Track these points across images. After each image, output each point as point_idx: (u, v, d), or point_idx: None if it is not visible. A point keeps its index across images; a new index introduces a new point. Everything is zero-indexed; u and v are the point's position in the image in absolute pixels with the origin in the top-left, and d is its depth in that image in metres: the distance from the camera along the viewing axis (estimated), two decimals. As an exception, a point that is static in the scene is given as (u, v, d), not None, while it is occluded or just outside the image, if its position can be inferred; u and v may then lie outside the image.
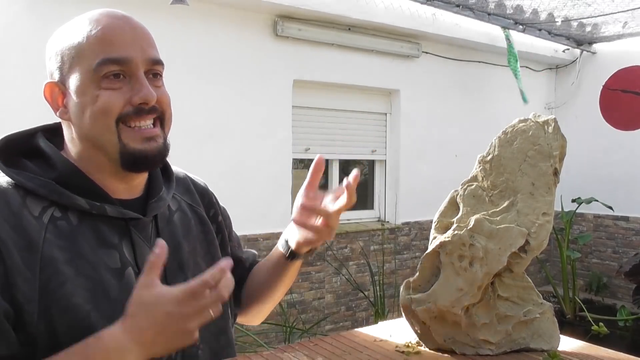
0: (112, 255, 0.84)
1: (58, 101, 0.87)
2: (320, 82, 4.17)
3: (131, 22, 0.87)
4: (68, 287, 0.77)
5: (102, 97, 0.82)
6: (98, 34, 0.83)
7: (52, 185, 0.82)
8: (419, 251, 4.75)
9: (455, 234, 1.03)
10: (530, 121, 1.08)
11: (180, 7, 2.75)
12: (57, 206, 0.82)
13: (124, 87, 0.83)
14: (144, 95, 0.83)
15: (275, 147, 3.90)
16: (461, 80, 5.00)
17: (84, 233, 0.82)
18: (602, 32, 5.06)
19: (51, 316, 0.76)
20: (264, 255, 1.19)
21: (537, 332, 1.05)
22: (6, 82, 2.91)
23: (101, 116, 0.82)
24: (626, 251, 5.24)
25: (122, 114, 0.83)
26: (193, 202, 1.04)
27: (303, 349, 0.99)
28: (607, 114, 5.40)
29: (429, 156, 4.82)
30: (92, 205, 0.83)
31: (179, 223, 0.97)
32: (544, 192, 1.04)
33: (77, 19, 0.88)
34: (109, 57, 0.82)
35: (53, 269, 0.77)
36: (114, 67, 0.82)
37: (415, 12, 4.26)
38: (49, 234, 0.79)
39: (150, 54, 0.86)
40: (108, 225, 0.85)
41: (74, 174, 0.85)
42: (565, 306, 4.37)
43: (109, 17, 0.86)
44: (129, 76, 0.84)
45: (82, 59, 0.83)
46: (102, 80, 0.82)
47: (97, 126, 0.83)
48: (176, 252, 0.92)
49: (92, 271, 0.80)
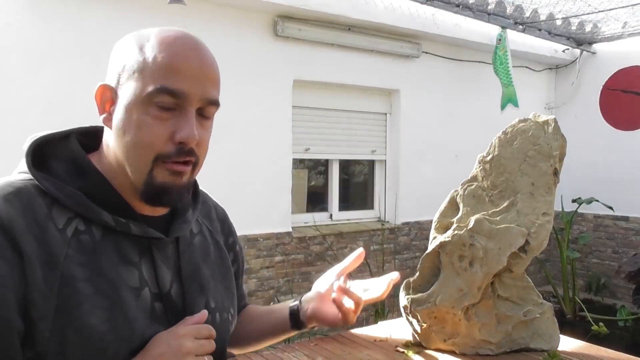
0: (132, 273, 0.83)
1: (106, 106, 0.85)
2: (320, 82, 4.17)
3: (201, 55, 0.84)
4: (85, 307, 0.76)
5: (146, 127, 0.80)
6: (165, 59, 0.80)
7: (79, 196, 0.81)
8: (419, 251, 4.75)
9: (455, 234, 1.03)
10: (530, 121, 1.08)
11: (179, 7, 2.75)
12: (82, 218, 0.81)
13: (170, 120, 0.81)
14: (186, 135, 0.80)
15: (275, 147, 3.90)
16: (461, 80, 5.00)
17: (106, 249, 0.81)
18: (602, 32, 5.06)
19: (64, 336, 0.75)
20: (264, 255, 1.19)
21: (537, 332, 1.05)
22: (6, 82, 2.91)
23: (141, 149, 0.81)
24: (626, 251, 5.24)
25: (162, 154, 0.81)
26: (212, 229, 1.04)
27: (303, 349, 0.99)
28: (607, 114, 5.40)
29: (429, 156, 4.82)
30: (117, 222, 0.82)
31: (198, 246, 0.97)
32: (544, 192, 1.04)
33: (153, 33, 0.84)
34: (167, 86, 0.79)
35: (71, 288, 0.76)
36: (168, 97, 0.80)
37: (415, 12, 4.26)
38: (71, 249, 0.78)
39: (208, 94, 0.83)
40: (130, 242, 0.84)
41: (102, 185, 0.84)
42: (565, 306, 4.37)
43: (182, 44, 0.82)
44: (180, 109, 0.81)
45: (141, 77, 0.81)
46: (152, 107, 0.80)
47: (134, 157, 0.82)
48: (196, 274, 0.92)
49: (111, 290, 0.79)
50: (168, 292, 0.86)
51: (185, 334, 0.80)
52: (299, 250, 4.08)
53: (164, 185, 0.83)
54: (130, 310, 0.80)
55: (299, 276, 4.10)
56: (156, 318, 0.84)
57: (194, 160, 0.85)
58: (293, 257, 4.07)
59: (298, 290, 4.09)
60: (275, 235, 3.95)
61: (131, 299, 0.81)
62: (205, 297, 0.92)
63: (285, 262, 4.02)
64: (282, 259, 3.98)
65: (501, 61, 4.61)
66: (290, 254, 4.05)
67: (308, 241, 4.13)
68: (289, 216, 4.04)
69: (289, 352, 0.97)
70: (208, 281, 0.94)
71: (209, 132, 0.88)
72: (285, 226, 4.00)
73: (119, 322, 0.78)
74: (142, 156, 0.81)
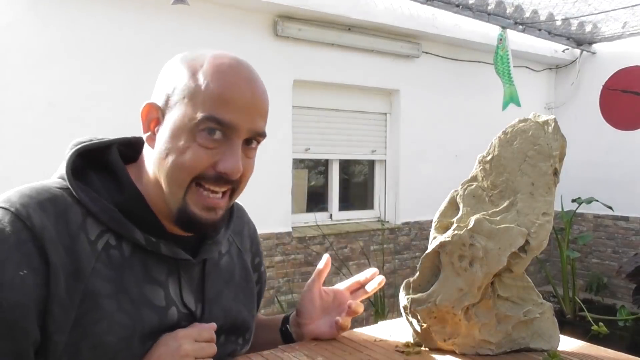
0: (158, 292, 0.82)
1: (151, 125, 0.84)
2: (320, 82, 4.17)
3: (254, 87, 0.83)
4: (104, 324, 0.76)
5: (190, 152, 0.79)
6: (218, 88, 0.79)
7: (114, 212, 0.80)
8: (419, 251, 4.76)
9: (455, 234, 1.03)
10: (530, 121, 1.08)
11: (180, 7, 2.75)
12: (113, 233, 0.80)
13: (216, 149, 0.80)
14: (230, 167, 0.80)
15: (275, 147, 3.90)
16: (461, 80, 5.00)
17: (134, 266, 0.81)
18: (602, 32, 5.06)
19: (78, 350, 0.74)
20: (264, 255, 1.19)
21: (537, 332, 1.05)
22: (7, 82, 2.91)
23: (181, 170, 0.80)
24: (626, 251, 5.24)
25: (201, 175, 0.80)
26: (241, 247, 1.03)
27: (303, 349, 0.99)
28: (607, 114, 5.40)
29: (429, 156, 4.82)
30: (148, 241, 0.82)
31: (224, 269, 0.96)
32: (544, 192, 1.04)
33: (207, 59, 0.83)
34: (217, 116, 0.78)
35: (93, 303, 0.75)
36: (217, 127, 0.79)
37: (415, 12, 4.26)
38: (99, 263, 0.77)
39: (257, 127, 0.83)
40: (158, 262, 0.83)
41: (138, 202, 0.83)
42: (565, 306, 4.37)
43: (236, 75, 0.82)
44: (227, 139, 0.80)
45: (191, 102, 0.79)
46: (200, 134, 0.79)
47: (172, 176, 0.80)
48: (218, 298, 0.92)
49: (133, 308, 0.79)
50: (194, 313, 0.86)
51: (186, 335, 0.80)
52: (299, 250, 4.08)
53: (197, 219, 0.82)
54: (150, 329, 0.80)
55: (299, 276, 4.10)
56: None
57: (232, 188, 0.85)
58: (293, 257, 4.07)
59: (298, 290, 4.09)
60: (275, 235, 3.95)
61: (154, 318, 0.80)
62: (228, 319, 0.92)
63: (285, 262, 4.02)
64: (282, 259, 3.98)
65: (502, 61, 4.61)
66: (290, 254, 4.05)
67: (308, 241, 4.13)
68: (289, 216, 4.04)
69: (289, 352, 0.97)
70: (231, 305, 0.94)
71: (253, 163, 0.88)
72: (285, 226, 4.00)
73: (135, 341, 0.78)
74: (180, 178, 0.80)
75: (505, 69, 4.62)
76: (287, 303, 3.95)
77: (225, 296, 0.93)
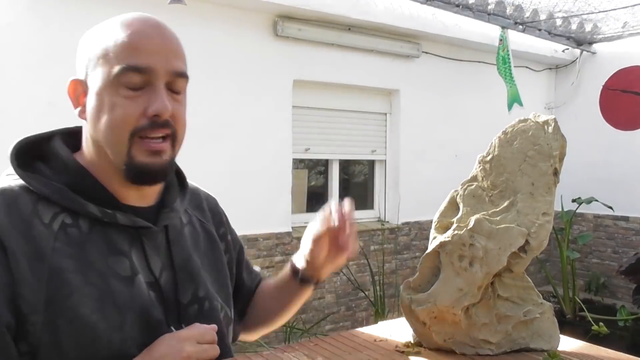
0: (123, 262, 0.83)
1: (80, 100, 0.87)
2: (320, 82, 4.17)
3: (162, 31, 0.86)
4: (75, 297, 0.77)
5: (118, 107, 0.81)
6: (125, 39, 0.82)
7: (64, 191, 0.82)
8: (419, 251, 4.75)
9: (455, 234, 1.03)
10: (530, 121, 1.08)
11: (179, 7, 2.75)
12: (68, 212, 0.82)
13: (141, 97, 0.82)
14: (158, 107, 0.82)
15: (275, 147, 3.90)
16: (461, 80, 5.00)
17: (95, 240, 0.82)
18: (602, 32, 5.06)
19: (56, 327, 0.76)
20: (264, 255, 1.19)
21: (537, 332, 1.05)
22: (7, 82, 2.91)
23: (116, 128, 0.82)
24: (626, 251, 5.24)
25: (137, 127, 0.82)
26: (204, 219, 1.04)
27: (303, 349, 0.99)
28: (607, 114, 5.40)
29: (429, 156, 4.82)
30: (104, 213, 0.83)
31: (188, 236, 0.97)
32: (544, 192, 1.04)
33: (110, 20, 0.87)
34: (131, 64, 0.81)
35: (60, 280, 0.77)
36: (135, 75, 0.81)
37: (415, 12, 4.26)
38: (58, 242, 0.79)
39: (174, 66, 0.85)
40: (119, 233, 0.85)
41: (86, 179, 0.85)
42: (565, 306, 4.37)
43: (141, 23, 0.85)
44: (148, 85, 0.83)
45: (106, 61, 0.83)
46: (121, 87, 0.81)
47: (111, 136, 0.83)
48: (186, 264, 0.92)
49: (101, 280, 0.80)
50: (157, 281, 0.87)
51: (188, 337, 0.80)
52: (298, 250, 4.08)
53: (145, 166, 0.84)
54: (121, 299, 0.81)
55: (299, 276, 4.09)
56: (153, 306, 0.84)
57: (171, 132, 0.85)
58: (293, 257, 4.07)
59: (298, 290, 4.09)
60: (275, 235, 3.95)
61: (122, 288, 0.81)
62: (194, 285, 0.92)
63: (285, 262, 4.01)
64: (282, 259, 3.98)
65: (504, 61, 4.61)
66: (290, 254, 4.04)
67: (308, 241, 4.13)
68: (289, 216, 4.04)
69: (289, 352, 0.97)
70: (198, 270, 0.94)
71: (184, 107, 0.89)
72: (285, 226, 4.00)
73: (108, 312, 0.79)
74: (119, 135, 0.82)
75: (507, 69, 4.62)
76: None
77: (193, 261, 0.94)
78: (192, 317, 0.89)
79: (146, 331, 0.82)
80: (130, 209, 0.87)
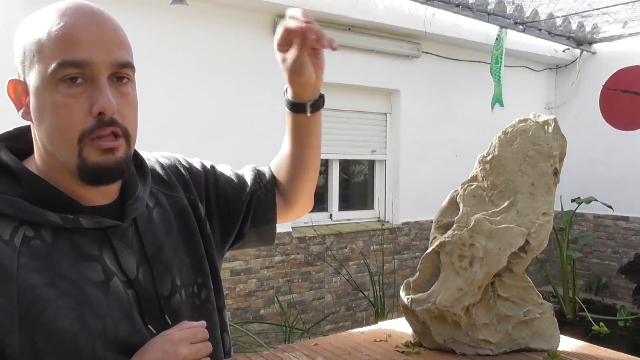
0: (94, 268, 0.80)
1: (22, 100, 0.81)
2: (320, 82, 4.17)
3: (99, 20, 0.79)
4: (50, 312, 0.74)
5: (60, 108, 0.76)
6: (59, 32, 0.76)
7: (19, 203, 0.77)
8: (419, 251, 4.76)
9: (455, 234, 1.03)
10: (530, 121, 1.08)
11: (180, 7, 2.75)
12: (28, 225, 0.77)
13: (83, 93, 0.76)
14: (102, 104, 0.76)
15: (275, 147, 3.88)
16: (461, 80, 5.00)
17: (61, 249, 0.78)
18: (602, 32, 5.06)
19: (35, 345, 0.73)
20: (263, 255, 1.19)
21: (537, 332, 1.05)
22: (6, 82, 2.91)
23: (62, 133, 0.77)
24: (626, 251, 5.24)
25: (85, 130, 0.76)
26: (171, 191, 0.98)
27: (303, 349, 0.99)
28: (607, 114, 5.40)
29: (429, 156, 4.82)
30: (65, 220, 0.78)
31: (158, 220, 0.92)
32: (544, 192, 1.04)
33: (43, 10, 0.79)
34: (67, 59, 0.75)
35: (31, 296, 0.73)
36: (73, 70, 0.75)
37: (415, 12, 4.26)
38: (22, 258, 0.74)
39: (115, 56, 0.78)
40: (85, 238, 0.80)
41: (40, 187, 0.80)
42: (565, 306, 4.37)
43: (75, 13, 0.77)
44: (90, 80, 0.76)
45: (41, 57, 0.77)
46: (60, 84, 0.76)
47: (58, 141, 0.78)
48: (160, 254, 0.89)
49: (75, 289, 0.77)
50: (136, 278, 0.84)
51: (181, 339, 0.78)
52: (298, 250, 4.08)
53: (99, 166, 0.78)
54: (99, 305, 0.78)
55: (298, 276, 4.10)
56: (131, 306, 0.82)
57: (120, 131, 0.79)
58: (293, 257, 4.07)
59: (298, 290, 4.09)
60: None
61: (98, 294, 0.78)
62: (171, 275, 0.89)
63: (285, 262, 4.01)
64: (282, 259, 3.98)
65: (497, 60, 4.60)
66: (290, 254, 4.05)
67: (308, 241, 4.13)
68: (289, 216, 4.04)
69: (289, 352, 0.97)
70: (172, 258, 0.91)
71: (132, 99, 0.82)
72: (285, 226, 4.00)
73: (88, 319, 0.76)
74: (66, 140, 0.77)
75: (498, 69, 4.61)
76: (287, 303, 3.95)
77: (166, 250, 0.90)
78: (175, 308, 0.87)
79: (131, 333, 0.80)
80: (93, 210, 0.82)
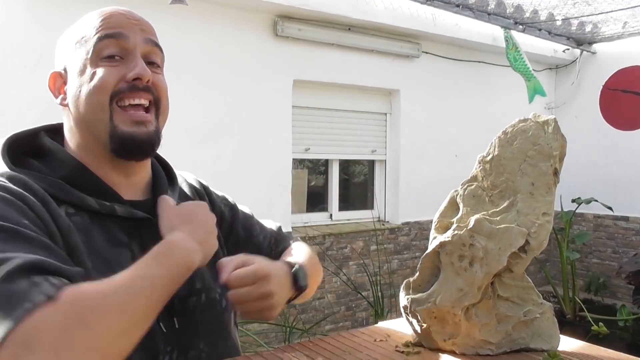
0: (124, 254, 0.83)
1: (61, 90, 0.89)
2: (320, 82, 4.17)
3: (133, 14, 0.90)
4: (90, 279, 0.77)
5: (97, 73, 0.83)
6: (99, 20, 0.86)
7: (61, 184, 0.82)
8: (419, 251, 4.75)
9: (455, 234, 1.03)
10: (530, 121, 1.08)
11: (179, 7, 2.75)
12: (68, 204, 0.81)
13: (121, 65, 0.84)
14: (138, 71, 0.84)
15: (275, 147, 3.90)
16: (461, 80, 5.00)
17: (97, 231, 0.82)
18: (602, 32, 5.06)
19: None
20: (264, 255, 1.18)
21: (537, 332, 1.05)
22: (7, 82, 2.91)
23: (96, 93, 0.83)
24: (626, 251, 5.24)
25: (116, 90, 0.83)
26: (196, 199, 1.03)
27: (303, 349, 0.99)
28: (607, 114, 5.40)
29: (429, 156, 4.82)
30: (102, 205, 0.83)
31: None
32: (544, 192, 1.04)
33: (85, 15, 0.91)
34: (107, 32, 0.84)
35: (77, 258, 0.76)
36: (111, 42, 0.84)
37: (415, 12, 4.26)
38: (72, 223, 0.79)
39: (147, 35, 0.88)
40: (117, 225, 0.84)
41: (82, 171, 0.85)
42: (565, 306, 4.37)
43: (112, 10, 0.89)
44: (126, 55, 0.85)
45: (82, 44, 0.86)
46: (100, 60, 0.84)
47: (91, 104, 0.84)
48: None
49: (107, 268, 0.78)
50: None
51: None
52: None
53: (129, 135, 0.84)
54: None
55: (299, 276, 4.09)
56: None
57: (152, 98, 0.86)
58: (293, 257, 4.06)
59: (298, 290, 4.09)
60: (275, 235, 3.95)
61: None
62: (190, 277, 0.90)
63: (285, 262, 4.01)
64: (282, 259, 3.98)
65: (515, 58, 4.62)
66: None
67: (308, 241, 4.13)
68: (289, 216, 4.04)
69: (289, 352, 0.97)
70: None
71: (164, 83, 0.90)
72: (285, 226, 3.99)
73: None
74: (99, 101, 0.83)
75: (523, 66, 4.65)
76: (287, 303, 3.94)
77: None
78: (190, 309, 0.88)
79: None
80: (127, 203, 0.87)
